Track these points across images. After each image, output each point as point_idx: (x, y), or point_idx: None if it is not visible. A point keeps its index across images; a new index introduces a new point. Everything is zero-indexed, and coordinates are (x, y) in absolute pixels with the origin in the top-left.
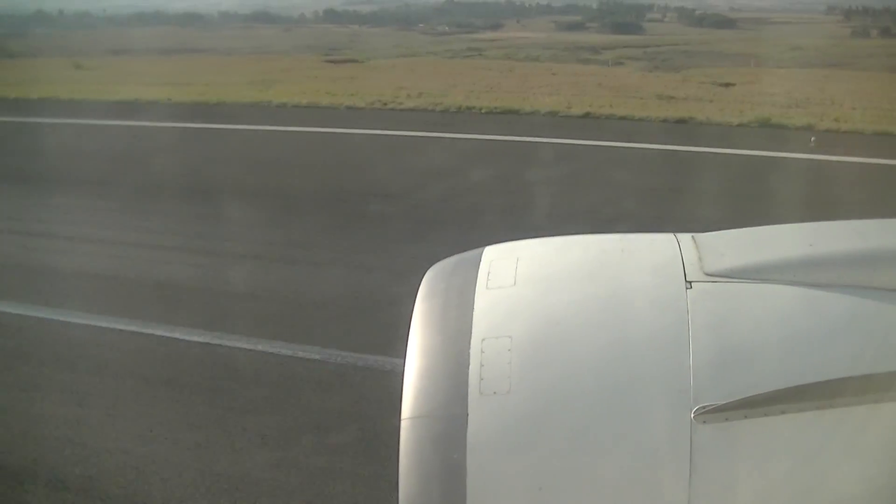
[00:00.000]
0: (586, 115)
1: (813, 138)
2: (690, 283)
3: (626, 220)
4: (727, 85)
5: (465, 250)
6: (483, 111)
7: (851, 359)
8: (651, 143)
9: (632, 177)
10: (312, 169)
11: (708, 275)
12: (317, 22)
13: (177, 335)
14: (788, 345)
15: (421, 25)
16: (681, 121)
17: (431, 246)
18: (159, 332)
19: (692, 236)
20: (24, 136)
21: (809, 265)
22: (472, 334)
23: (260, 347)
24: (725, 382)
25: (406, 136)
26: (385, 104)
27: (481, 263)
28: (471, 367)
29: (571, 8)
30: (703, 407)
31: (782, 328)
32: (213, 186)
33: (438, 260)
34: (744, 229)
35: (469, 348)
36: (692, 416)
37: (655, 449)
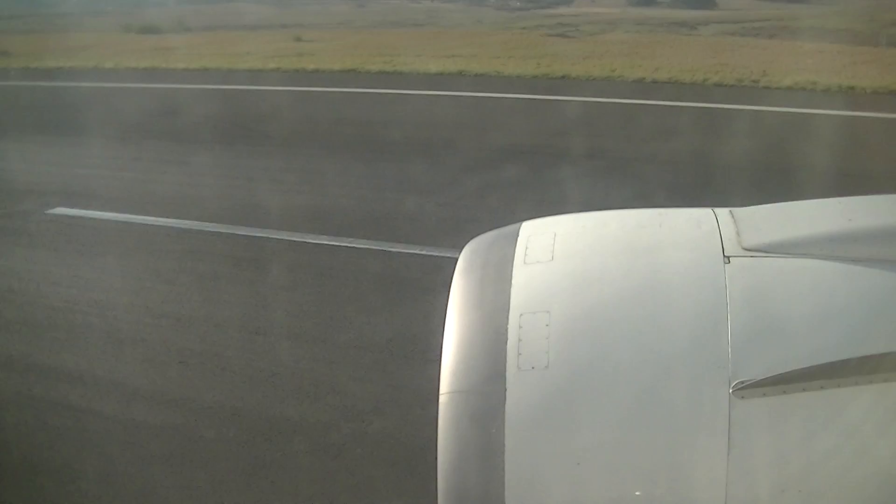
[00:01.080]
0: None
1: None
2: (728, 257)
3: None
4: None
5: None
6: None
7: (890, 334)
8: None
9: None
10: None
11: (746, 249)
12: None
13: None
14: (827, 320)
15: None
16: None
17: None
18: None
19: (730, 210)
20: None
21: (848, 239)
22: (510, 309)
23: None
24: (764, 357)
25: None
26: (756, 81)
27: (519, 238)
28: (509, 342)
29: None
30: (742, 382)
31: (821, 303)
32: None
33: None
34: (782, 203)
35: (507, 324)
36: (730, 391)
37: (693, 424)
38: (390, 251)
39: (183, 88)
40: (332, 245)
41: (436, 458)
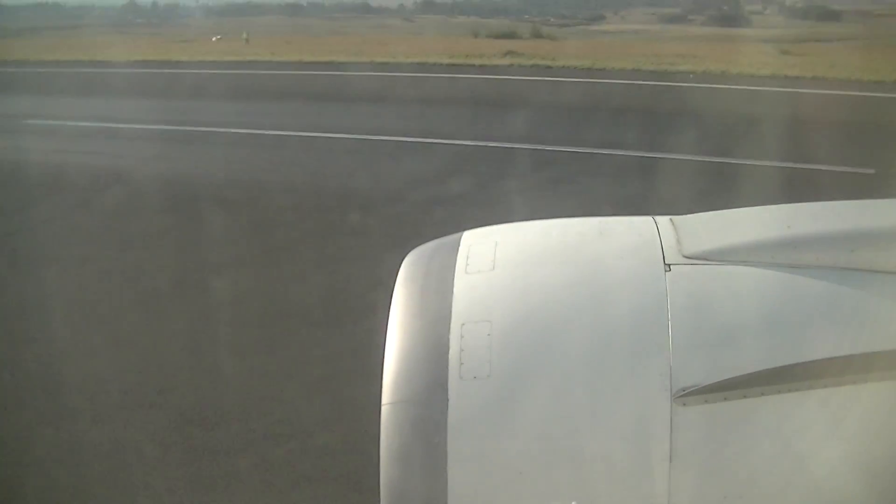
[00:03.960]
0: None
1: None
2: (669, 265)
3: None
4: None
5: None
6: None
7: (830, 340)
8: None
9: None
10: None
11: (686, 257)
12: (416, 12)
13: None
14: (767, 327)
15: (526, 17)
16: None
17: None
18: None
19: (670, 219)
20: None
21: (788, 246)
22: (452, 319)
23: None
24: (705, 365)
25: None
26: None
27: (460, 248)
28: (450, 352)
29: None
30: (683, 389)
31: (761, 310)
32: None
33: None
34: (722, 211)
35: (449, 333)
36: (672, 398)
37: (636, 432)
38: None
39: None
40: None
41: (378, 469)
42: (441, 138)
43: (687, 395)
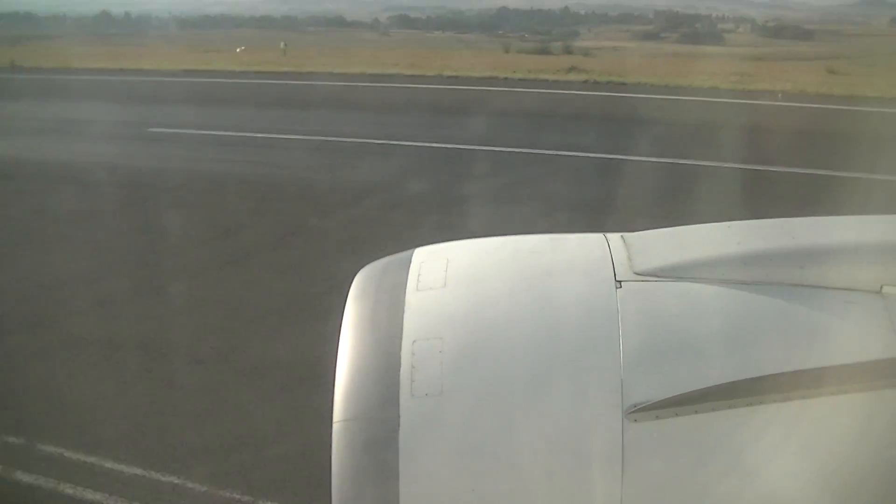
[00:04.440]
0: None
1: None
2: (620, 282)
3: None
4: None
5: None
6: None
7: (781, 356)
8: None
9: None
10: None
11: (637, 274)
12: (391, 28)
13: None
14: (718, 343)
15: (500, 32)
16: None
17: None
18: None
19: (621, 236)
20: None
21: (738, 263)
22: (403, 336)
23: None
24: (656, 381)
25: None
26: None
27: (411, 265)
28: (402, 368)
29: (627, 17)
30: (635, 405)
31: (712, 326)
32: None
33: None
34: (673, 228)
35: (400, 350)
36: (623, 414)
37: (587, 448)
38: None
39: None
40: None
41: (330, 487)
42: (608, 153)
43: (638, 411)
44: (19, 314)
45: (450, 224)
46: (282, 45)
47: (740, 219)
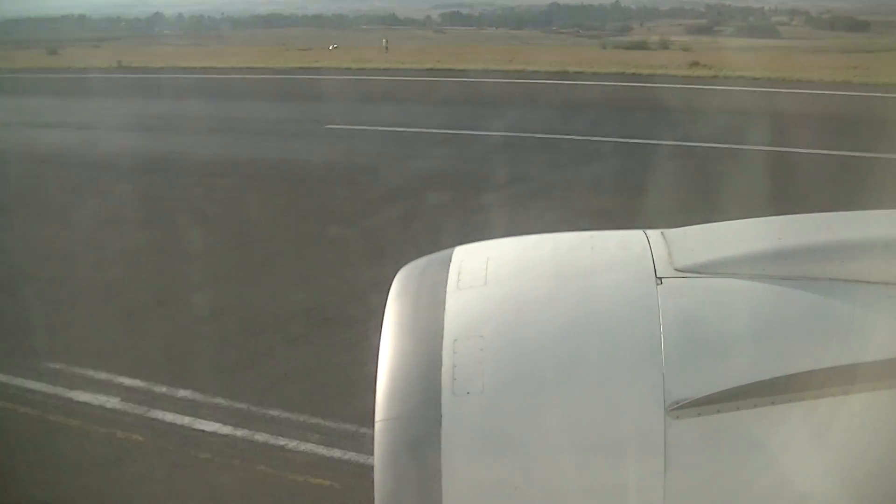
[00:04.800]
0: None
1: None
2: (661, 278)
3: None
4: None
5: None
6: None
7: (821, 351)
8: None
9: None
10: None
11: (678, 270)
12: (444, 24)
13: None
14: (759, 339)
15: (554, 28)
16: None
17: None
18: None
19: (661, 232)
20: None
21: (778, 258)
22: (444, 335)
23: None
24: (698, 377)
25: None
26: None
27: (452, 263)
28: (443, 367)
29: (677, 12)
30: (676, 402)
31: (753, 322)
32: None
33: None
34: (713, 224)
35: (441, 349)
36: (665, 411)
37: (629, 445)
38: None
39: None
40: None
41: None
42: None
43: (680, 408)
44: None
45: None
46: (384, 42)
47: None
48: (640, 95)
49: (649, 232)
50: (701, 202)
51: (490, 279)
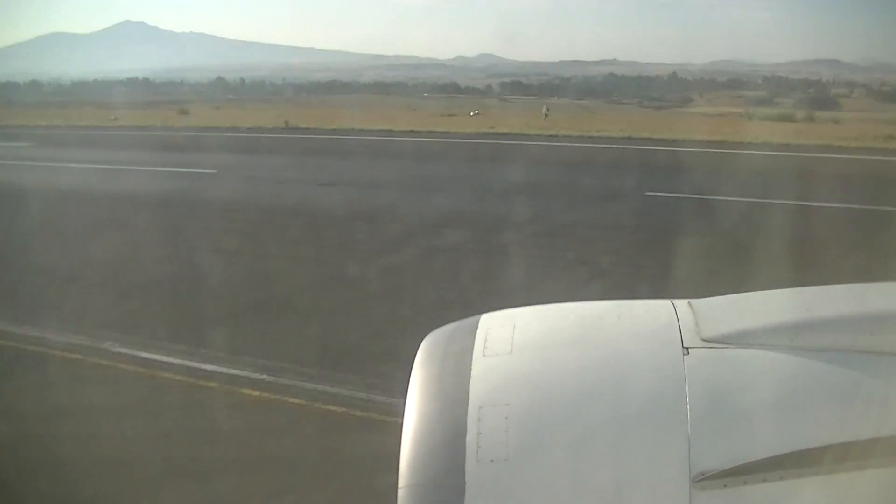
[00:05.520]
0: None
1: None
2: (688, 349)
3: None
4: None
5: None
6: None
7: (850, 424)
8: None
9: None
10: None
11: (705, 340)
12: (504, 94)
13: None
14: (786, 410)
15: (615, 98)
16: None
17: None
18: None
19: (689, 302)
20: None
21: (806, 330)
22: (470, 402)
23: None
24: (724, 449)
25: None
26: None
27: (478, 330)
28: (468, 435)
29: (734, 83)
30: (702, 473)
31: (780, 394)
32: None
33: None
34: (740, 294)
35: (466, 416)
36: (691, 482)
37: None
38: None
39: None
40: None
41: None
42: None
43: (706, 480)
44: None
45: None
46: (544, 109)
47: None
48: (812, 166)
49: (676, 302)
50: None
51: (516, 347)
